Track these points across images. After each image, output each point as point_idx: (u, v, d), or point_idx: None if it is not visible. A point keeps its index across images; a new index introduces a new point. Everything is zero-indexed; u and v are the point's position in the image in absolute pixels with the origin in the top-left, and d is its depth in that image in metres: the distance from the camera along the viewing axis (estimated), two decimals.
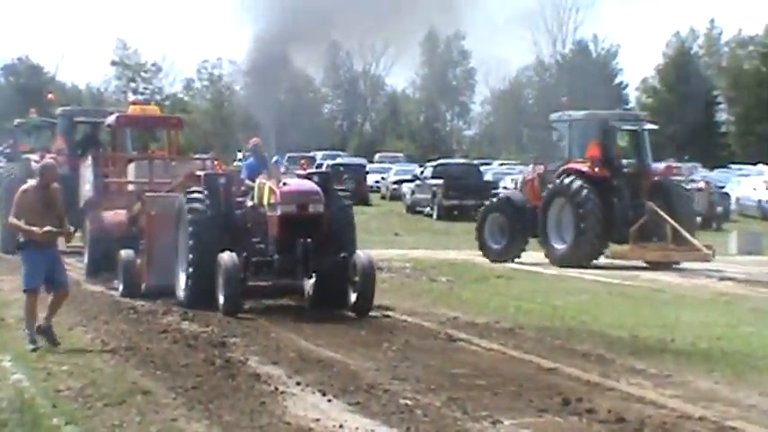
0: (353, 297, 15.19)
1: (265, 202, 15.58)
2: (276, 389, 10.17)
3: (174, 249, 16.30)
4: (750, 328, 14.38)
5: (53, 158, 24.28)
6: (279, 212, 15.18)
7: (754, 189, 48.27)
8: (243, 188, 16.60)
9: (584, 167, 24.00)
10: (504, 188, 38.74)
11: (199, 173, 16.98)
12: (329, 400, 9.75)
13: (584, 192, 23.61)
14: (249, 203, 16.12)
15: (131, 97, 70.84)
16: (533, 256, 24.90)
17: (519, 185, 27.06)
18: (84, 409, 9.34)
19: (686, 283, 20.38)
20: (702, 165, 59.91)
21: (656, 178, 24.59)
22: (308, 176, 16.23)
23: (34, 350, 12.06)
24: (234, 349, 12.38)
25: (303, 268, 15.14)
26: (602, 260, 24.02)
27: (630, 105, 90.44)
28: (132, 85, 78.61)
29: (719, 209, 41.69)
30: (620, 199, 23.89)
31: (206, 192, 15.97)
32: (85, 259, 19.79)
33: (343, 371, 11.13)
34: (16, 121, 29.70)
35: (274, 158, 16.77)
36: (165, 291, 16.25)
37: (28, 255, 12.38)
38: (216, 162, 19.09)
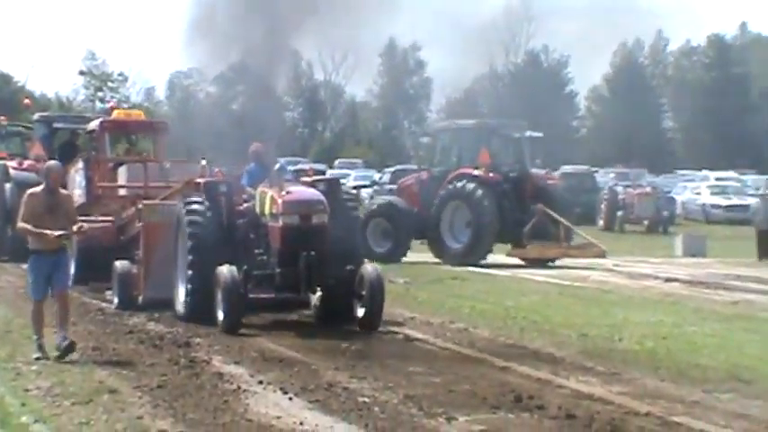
0: (360, 312, 14.23)
1: (267, 211, 14.49)
2: (239, 387, 10.30)
3: (172, 260, 15.28)
4: (694, 328, 14.69)
5: (32, 165, 24.24)
6: (280, 223, 14.11)
7: (699, 194, 49.29)
8: (244, 196, 15.55)
9: (478, 172, 25.12)
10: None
11: (198, 180, 15.83)
12: (290, 398, 9.88)
13: (480, 194, 24.78)
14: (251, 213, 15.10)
15: (99, 106, 70.18)
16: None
17: (396, 191, 28.01)
18: (53, 407, 9.44)
19: (634, 285, 20.69)
20: (649, 170, 60.73)
21: (538, 183, 25.95)
22: (314, 184, 15.29)
23: (38, 359, 11.63)
24: (198, 349, 12.49)
25: (306, 283, 14.11)
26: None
27: (580, 113, 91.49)
28: (99, 94, 77.78)
29: (665, 213, 42.43)
30: (509, 202, 25.15)
31: (206, 201, 14.98)
32: (72, 268, 17.87)
33: (304, 370, 11.27)
34: None
35: (277, 165, 15.51)
36: (163, 303, 15.37)
37: (32, 264, 11.93)
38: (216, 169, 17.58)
